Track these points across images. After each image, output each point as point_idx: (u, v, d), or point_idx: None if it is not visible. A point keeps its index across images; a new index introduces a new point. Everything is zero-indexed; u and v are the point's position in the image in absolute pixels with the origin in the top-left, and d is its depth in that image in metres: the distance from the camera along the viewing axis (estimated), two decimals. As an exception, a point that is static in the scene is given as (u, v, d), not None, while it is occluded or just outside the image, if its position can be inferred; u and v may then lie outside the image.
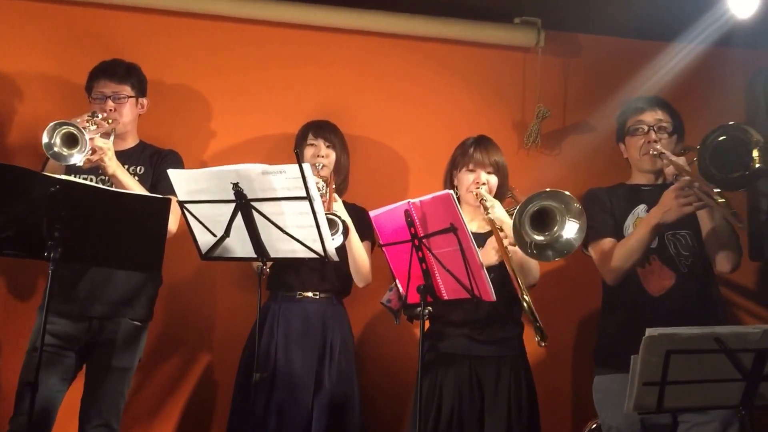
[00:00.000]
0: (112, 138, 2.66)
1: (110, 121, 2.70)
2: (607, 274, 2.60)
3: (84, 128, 2.49)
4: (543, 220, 2.36)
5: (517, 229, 2.34)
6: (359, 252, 2.73)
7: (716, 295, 2.63)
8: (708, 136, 2.41)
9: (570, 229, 2.35)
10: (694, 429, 2.39)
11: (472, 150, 2.71)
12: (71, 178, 2.36)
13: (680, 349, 1.90)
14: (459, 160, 2.74)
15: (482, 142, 2.74)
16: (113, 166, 2.58)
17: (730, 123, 2.44)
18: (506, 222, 2.51)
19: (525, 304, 2.34)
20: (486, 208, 2.54)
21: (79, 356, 2.67)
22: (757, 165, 2.38)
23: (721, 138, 2.41)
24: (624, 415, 2.24)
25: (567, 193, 2.35)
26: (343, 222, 2.61)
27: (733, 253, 2.54)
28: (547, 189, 2.36)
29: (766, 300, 3.40)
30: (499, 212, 2.54)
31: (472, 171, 2.69)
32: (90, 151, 2.50)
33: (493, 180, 2.69)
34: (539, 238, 2.35)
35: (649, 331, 1.90)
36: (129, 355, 2.67)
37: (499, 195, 2.71)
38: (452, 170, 2.78)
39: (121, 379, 2.65)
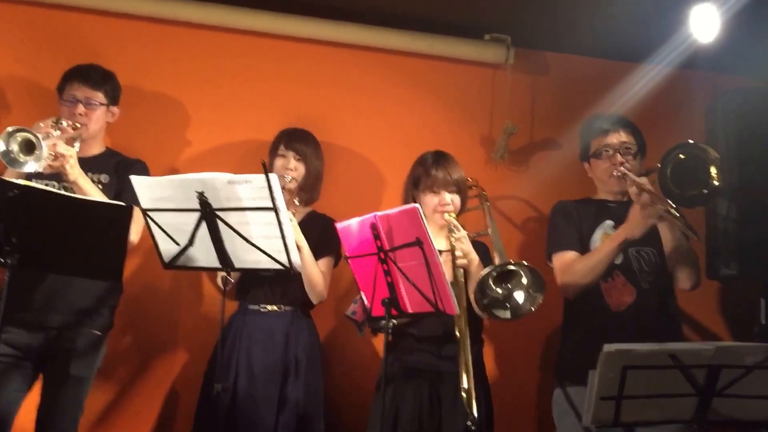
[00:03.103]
0: (77, 145, 2.63)
1: (78, 125, 2.66)
2: (567, 287, 2.63)
3: (47, 134, 2.46)
4: (506, 276, 2.42)
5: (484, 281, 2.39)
6: (312, 269, 2.71)
7: (675, 311, 2.68)
8: (667, 155, 2.47)
9: (520, 296, 2.40)
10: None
11: (433, 171, 2.70)
12: (31, 183, 2.32)
13: (636, 365, 1.93)
14: (420, 180, 2.73)
15: (441, 161, 2.73)
16: (75, 173, 2.53)
17: (689, 141, 2.50)
18: (472, 257, 2.54)
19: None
20: (455, 239, 2.55)
21: (37, 366, 2.62)
22: (716, 183, 2.44)
23: (680, 156, 2.46)
24: (580, 428, 2.27)
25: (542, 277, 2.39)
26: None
27: (693, 271, 2.60)
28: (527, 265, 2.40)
29: (720, 317, 3.46)
30: (467, 246, 2.55)
31: (436, 193, 2.69)
32: (52, 157, 2.46)
33: (457, 200, 2.70)
34: (499, 290, 2.40)
35: (607, 347, 1.93)
36: (87, 364, 2.63)
37: (461, 210, 2.74)
38: (413, 190, 2.76)
39: (78, 388, 2.61)
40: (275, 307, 2.78)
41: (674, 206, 2.39)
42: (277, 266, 2.36)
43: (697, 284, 2.61)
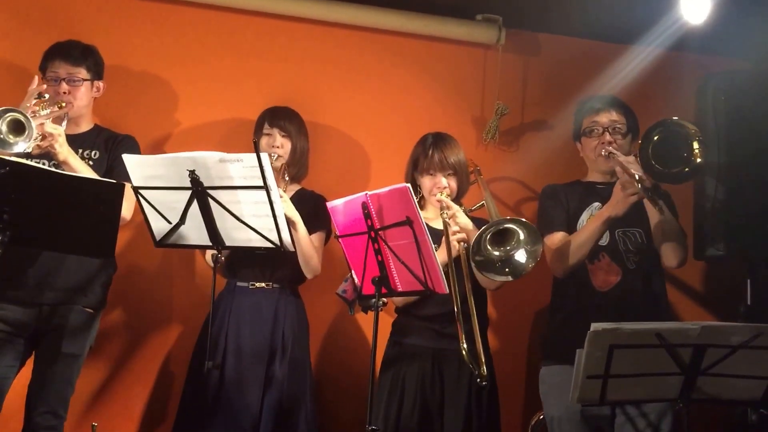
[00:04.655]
0: (64, 123, 2.61)
1: (63, 104, 2.64)
2: (557, 267, 2.65)
3: (34, 113, 2.43)
4: (502, 238, 2.40)
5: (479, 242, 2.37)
6: (306, 244, 2.70)
7: (661, 291, 2.70)
8: (648, 133, 2.48)
9: (521, 255, 2.38)
10: (631, 420, 2.47)
11: (431, 152, 2.69)
12: (22, 160, 2.31)
13: (623, 344, 1.96)
14: (419, 162, 2.73)
15: (440, 143, 2.71)
16: (64, 152, 2.52)
17: (670, 118, 2.50)
18: (470, 229, 2.52)
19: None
20: (449, 217, 2.53)
21: (29, 343, 2.62)
22: (698, 160, 2.44)
23: (660, 134, 2.47)
24: (566, 405, 2.30)
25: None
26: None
27: (680, 248, 2.61)
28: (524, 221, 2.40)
29: (706, 297, 3.51)
30: (462, 220, 2.54)
31: (432, 175, 2.69)
32: (40, 137, 2.44)
33: (454, 183, 2.69)
34: (496, 253, 2.39)
35: (594, 326, 1.95)
36: (79, 342, 2.63)
37: (459, 195, 2.73)
38: (413, 172, 2.76)
39: (69, 366, 2.61)
40: (263, 284, 2.78)
41: (657, 186, 2.40)
42: (268, 244, 2.37)
43: (683, 261, 2.63)
